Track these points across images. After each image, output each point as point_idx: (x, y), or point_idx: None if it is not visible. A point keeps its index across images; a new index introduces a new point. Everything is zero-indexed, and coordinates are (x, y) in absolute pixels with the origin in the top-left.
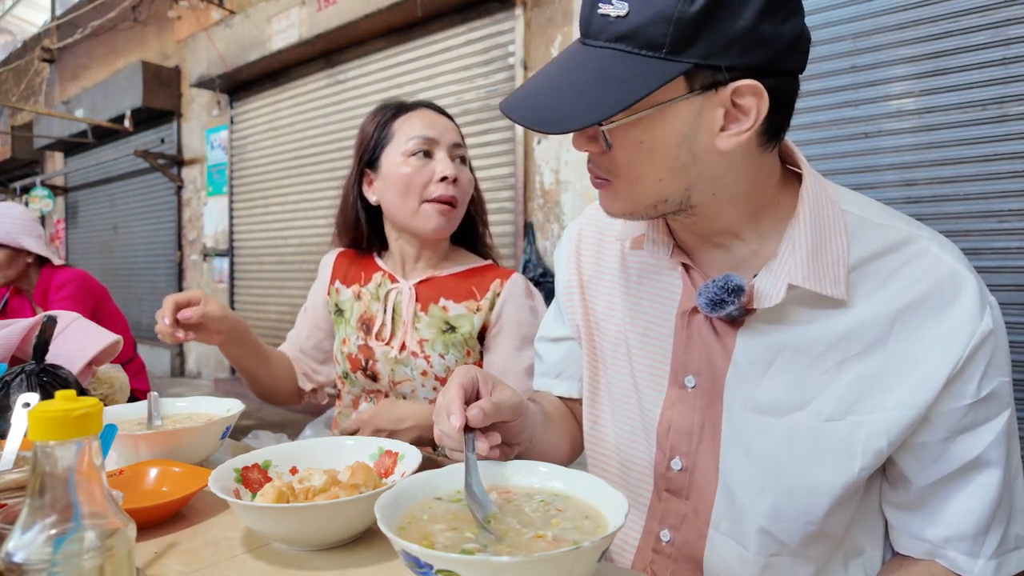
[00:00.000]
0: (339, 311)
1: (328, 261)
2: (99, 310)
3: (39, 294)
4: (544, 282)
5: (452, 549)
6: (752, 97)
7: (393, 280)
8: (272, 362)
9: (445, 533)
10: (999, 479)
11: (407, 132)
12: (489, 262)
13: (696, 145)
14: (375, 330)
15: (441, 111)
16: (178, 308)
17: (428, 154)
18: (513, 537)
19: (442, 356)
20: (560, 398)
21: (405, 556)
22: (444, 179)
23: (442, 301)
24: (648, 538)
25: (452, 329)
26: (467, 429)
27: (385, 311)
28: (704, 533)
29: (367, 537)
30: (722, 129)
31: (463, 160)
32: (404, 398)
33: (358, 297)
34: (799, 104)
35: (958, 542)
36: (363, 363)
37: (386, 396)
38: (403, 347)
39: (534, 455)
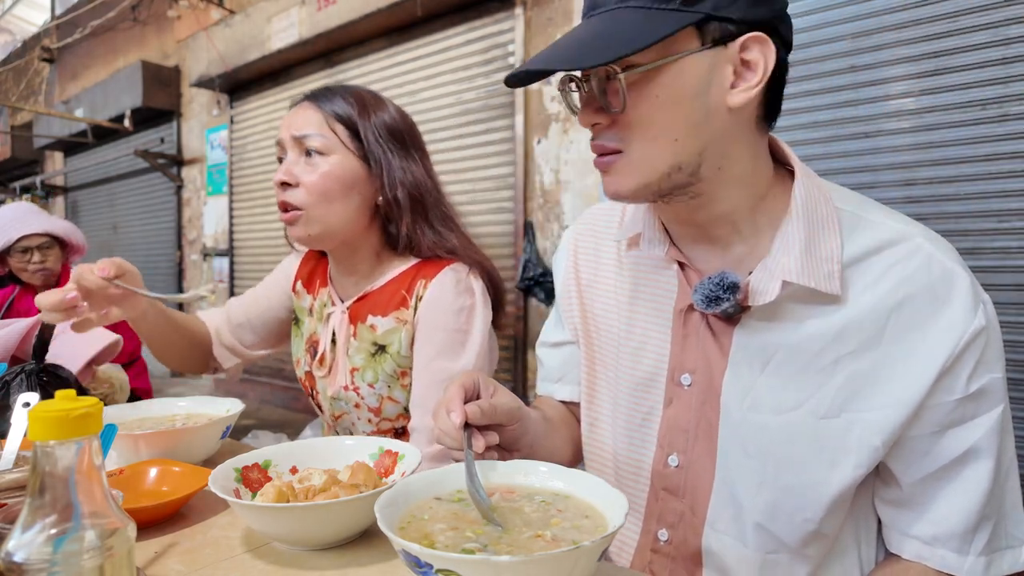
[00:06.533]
0: (296, 320)
1: (296, 257)
2: None
3: None
4: (544, 282)
5: (452, 549)
6: (759, 51)
7: (334, 302)
8: (191, 329)
9: (445, 533)
10: (988, 475)
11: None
12: (426, 258)
13: (709, 101)
14: (318, 355)
15: (315, 97)
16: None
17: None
18: (513, 537)
19: (371, 386)
20: (562, 402)
21: (405, 556)
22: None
23: (370, 319)
24: (646, 538)
25: (382, 349)
26: (466, 426)
27: (326, 336)
28: (700, 531)
29: (367, 537)
30: (732, 86)
31: (318, 152)
32: (350, 432)
33: (310, 312)
34: (799, 104)
35: (947, 539)
36: (310, 391)
37: (333, 431)
38: (336, 379)
39: (536, 460)
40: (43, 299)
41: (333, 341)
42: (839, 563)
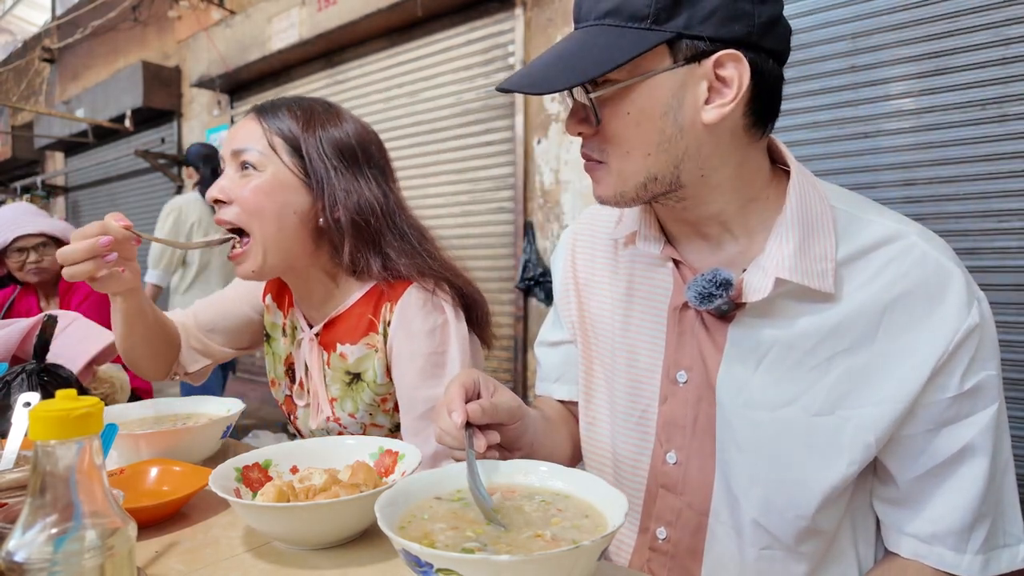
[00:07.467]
0: (269, 337)
1: None
2: None
3: (64, 289)
4: (544, 282)
5: (452, 548)
6: (734, 68)
7: (302, 327)
8: (167, 325)
9: (445, 532)
10: (984, 473)
11: None
12: (385, 278)
13: (682, 117)
14: (297, 381)
15: (260, 110)
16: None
17: None
18: (512, 536)
19: (352, 416)
20: (561, 402)
21: (405, 555)
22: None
23: (339, 347)
24: (644, 537)
25: (357, 378)
26: (467, 425)
27: (300, 363)
28: (704, 524)
29: (367, 536)
30: (706, 102)
31: (253, 166)
32: None
33: (284, 332)
34: (799, 104)
35: (944, 537)
36: (289, 416)
37: None
38: (319, 410)
39: (536, 459)
40: (70, 251)
41: (307, 368)
42: (837, 563)
